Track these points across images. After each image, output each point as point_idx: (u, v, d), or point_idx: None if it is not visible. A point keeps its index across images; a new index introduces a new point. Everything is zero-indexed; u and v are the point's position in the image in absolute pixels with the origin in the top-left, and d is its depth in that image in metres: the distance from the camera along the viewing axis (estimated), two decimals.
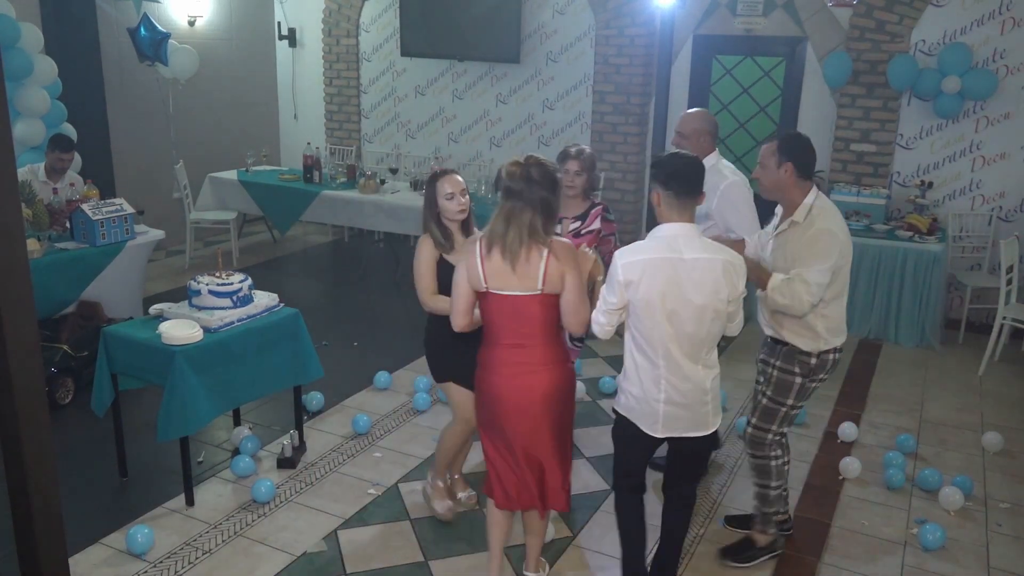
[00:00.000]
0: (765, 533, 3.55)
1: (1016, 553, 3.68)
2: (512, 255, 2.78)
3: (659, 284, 2.76)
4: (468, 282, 2.88)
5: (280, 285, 6.32)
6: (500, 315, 2.88)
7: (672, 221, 2.84)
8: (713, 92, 7.44)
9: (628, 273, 2.79)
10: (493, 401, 2.96)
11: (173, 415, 3.63)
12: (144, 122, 7.87)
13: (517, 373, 2.90)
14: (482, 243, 2.84)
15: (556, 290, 2.82)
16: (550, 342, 2.92)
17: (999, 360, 5.79)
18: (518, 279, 2.79)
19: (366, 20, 8.80)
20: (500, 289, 2.83)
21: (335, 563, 3.48)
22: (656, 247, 2.82)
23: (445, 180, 3.40)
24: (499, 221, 2.82)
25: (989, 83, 6.10)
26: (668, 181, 2.83)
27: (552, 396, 2.93)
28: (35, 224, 5.23)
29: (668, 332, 2.80)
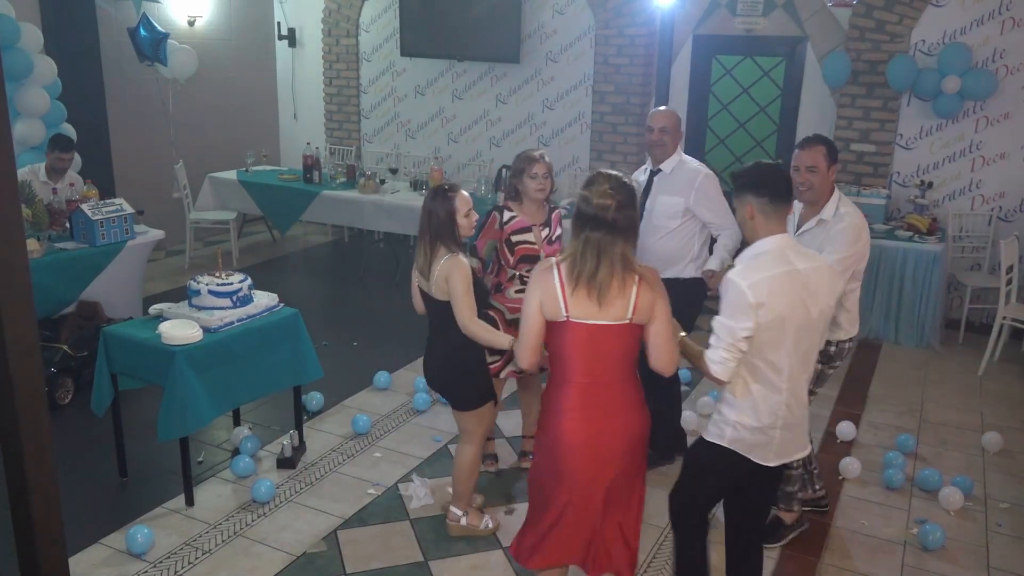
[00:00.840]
0: (791, 511, 3.67)
1: (1016, 553, 3.68)
2: (602, 291, 2.47)
3: (787, 301, 2.56)
4: (542, 312, 2.54)
5: (280, 285, 6.32)
6: (577, 348, 2.54)
7: (772, 233, 2.64)
8: (713, 92, 7.44)
9: (758, 294, 2.52)
10: (563, 449, 2.59)
11: (173, 415, 3.63)
12: (144, 122, 7.87)
13: (594, 417, 2.56)
14: (561, 271, 2.52)
15: (644, 320, 2.53)
16: (631, 381, 2.62)
17: (999, 360, 5.79)
18: (600, 310, 2.50)
19: (366, 20, 8.80)
20: (583, 318, 2.50)
21: (335, 563, 3.48)
22: (772, 262, 2.59)
23: (459, 198, 3.28)
24: (588, 256, 2.48)
25: (989, 83, 6.11)
26: (759, 187, 2.64)
27: (631, 443, 2.61)
28: (35, 224, 5.23)
29: (792, 352, 2.61)
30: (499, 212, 3.88)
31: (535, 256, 3.80)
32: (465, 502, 3.66)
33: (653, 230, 3.99)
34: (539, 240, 3.84)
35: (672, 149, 4.02)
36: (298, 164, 8.30)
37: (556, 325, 2.55)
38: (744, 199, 2.68)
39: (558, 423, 2.59)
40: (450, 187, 3.32)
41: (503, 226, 3.84)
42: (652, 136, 4.02)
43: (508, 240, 3.82)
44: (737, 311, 2.54)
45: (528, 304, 2.58)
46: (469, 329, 3.21)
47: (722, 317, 2.58)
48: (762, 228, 2.66)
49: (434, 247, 3.27)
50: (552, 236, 3.91)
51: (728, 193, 3.22)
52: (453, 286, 3.20)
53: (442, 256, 3.23)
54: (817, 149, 3.37)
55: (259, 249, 8.56)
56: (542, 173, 3.79)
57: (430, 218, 3.27)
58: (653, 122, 4.03)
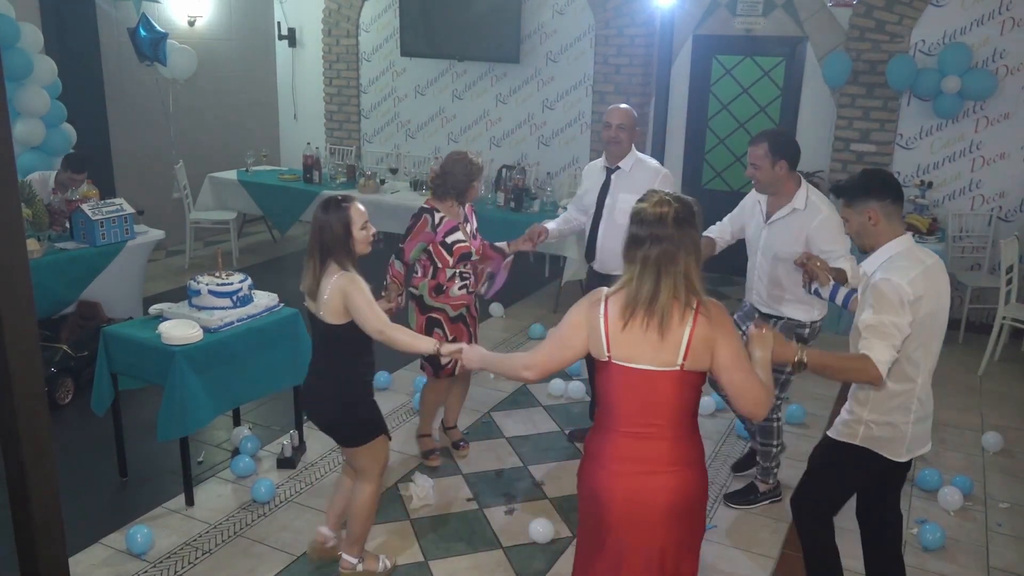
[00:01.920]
0: (766, 483, 4.00)
1: (1016, 553, 3.68)
2: (664, 318, 2.18)
3: (935, 295, 2.64)
4: (582, 342, 2.31)
5: (280, 285, 6.30)
6: (622, 392, 2.28)
7: (897, 234, 2.68)
8: (713, 92, 7.44)
9: (916, 288, 2.55)
10: (600, 505, 2.33)
11: (173, 415, 3.63)
12: (144, 122, 7.87)
13: (635, 472, 2.28)
14: (608, 305, 2.26)
15: (700, 366, 2.23)
16: (683, 435, 2.30)
17: (999, 360, 5.79)
18: (652, 350, 2.21)
19: (366, 20, 8.80)
20: (626, 360, 2.24)
21: (335, 563, 3.48)
22: (910, 261, 2.63)
23: (354, 209, 3.01)
24: (646, 278, 2.20)
25: (989, 83, 6.11)
26: (883, 191, 2.67)
27: (679, 507, 2.31)
28: (35, 224, 5.23)
29: (933, 346, 2.67)
30: (430, 214, 3.91)
31: (470, 252, 3.96)
32: (359, 547, 3.31)
33: (616, 229, 3.90)
34: (467, 236, 3.96)
35: (628, 146, 4.09)
36: (298, 164, 8.30)
37: (600, 364, 2.31)
38: (866, 205, 2.69)
39: (596, 473, 2.34)
40: (344, 198, 3.03)
41: (435, 228, 3.89)
42: (610, 132, 4.05)
43: (444, 242, 3.90)
44: (901, 308, 2.54)
45: (569, 327, 2.33)
46: (387, 335, 2.95)
47: (885, 316, 2.54)
48: (886, 231, 2.70)
49: (324, 264, 2.97)
50: (473, 229, 4.06)
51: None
52: (354, 302, 2.93)
53: (333, 274, 2.95)
54: (760, 146, 3.55)
55: (259, 249, 8.56)
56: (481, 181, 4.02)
57: (321, 232, 2.96)
58: (611, 118, 4.05)
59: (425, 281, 3.98)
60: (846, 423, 2.79)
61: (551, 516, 3.80)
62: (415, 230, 3.92)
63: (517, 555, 3.56)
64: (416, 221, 3.92)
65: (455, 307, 4.01)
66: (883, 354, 2.53)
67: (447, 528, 3.72)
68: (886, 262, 2.66)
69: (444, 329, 4.00)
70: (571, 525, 3.78)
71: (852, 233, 2.82)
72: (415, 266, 4.01)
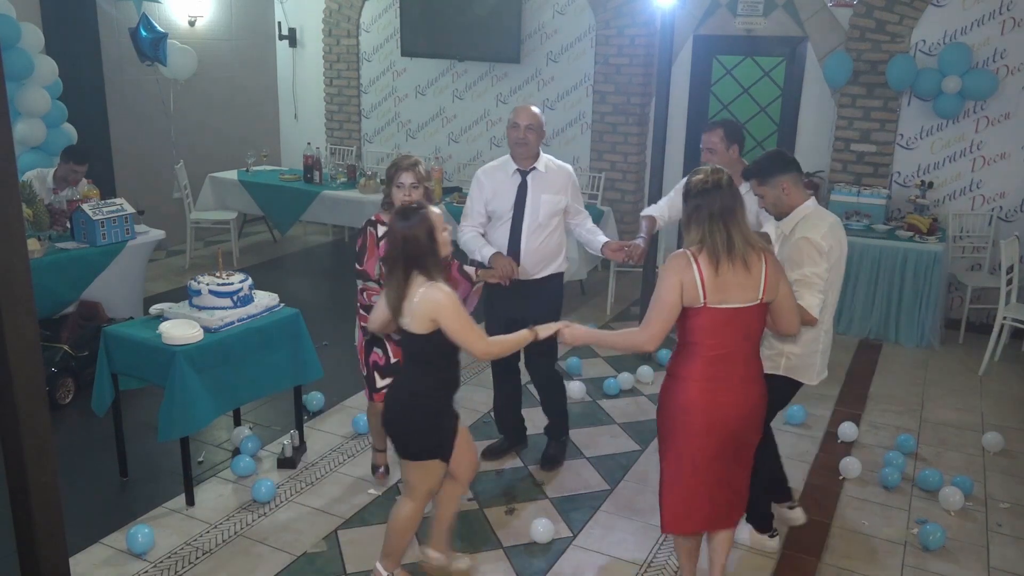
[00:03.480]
0: None
1: (1016, 553, 3.68)
2: (745, 259, 2.71)
3: (839, 244, 3.23)
4: (679, 300, 2.73)
5: (280, 285, 6.32)
6: (712, 328, 2.76)
7: (804, 199, 3.26)
8: (713, 92, 7.44)
9: (827, 240, 3.14)
10: (692, 415, 2.83)
11: (174, 415, 3.63)
12: (144, 122, 7.87)
13: (720, 389, 2.80)
14: (698, 260, 2.71)
15: (773, 298, 2.80)
16: (755, 356, 2.89)
17: (999, 360, 5.79)
18: (740, 290, 2.72)
19: (366, 20, 8.81)
20: (719, 303, 2.72)
21: (335, 563, 3.48)
22: (818, 218, 3.22)
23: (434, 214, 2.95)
24: (717, 231, 2.71)
25: (989, 83, 6.10)
26: (788, 166, 3.26)
27: (754, 411, 2.89)
28: (36, 224, 5.23)
29: (837, 288, 3.29)
30: (373, 227, 3.70)
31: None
32: (394, 562, 3.23)
33: (538, 229, 3.93)
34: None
35: (537, 147, 3.97)
36: (299, 164, 8.30)
37: (692, 311, 2.76)
38: (776, 180, 3.23)
39: (687, 391, 2.83)
40: (418, 204, 3.01)
41: (379, 243, 3.64)
42: (518, 133, 3.87)
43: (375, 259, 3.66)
44: (820, 257, 3.11)
45: (669, 291, 2.74)
46: (491, 354, 3.05)
47: (806, 268, 3.11)
48: (797, 197, 3.24)
49: (409, 277, 2.89)
50: None
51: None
52: (449, 322, 2.86)
53: (420, 286, 2.88)
54: (715, 132, 3.87)
55: (259, 249, 8.57)
56: (409, 183, 3.61)
57: (406, 243, 2.87)
58: (519, 119, 3.88)
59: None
60: (768, 357, 3.25)
61: (551, 516, 3.80)
62: (367, 247, 3.68)
63: (517, 555, 3.56)
64: (363, 238, 3.70)
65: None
66: (813, 299, 3.10)
67: None
68: (801, 221, 3.22)
69: (385, 348, 3.70)
70: (571, 525, 3.78)
71: (768, 205, 3.32)
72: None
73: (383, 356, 3.72)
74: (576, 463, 4.36)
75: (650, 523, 3.79)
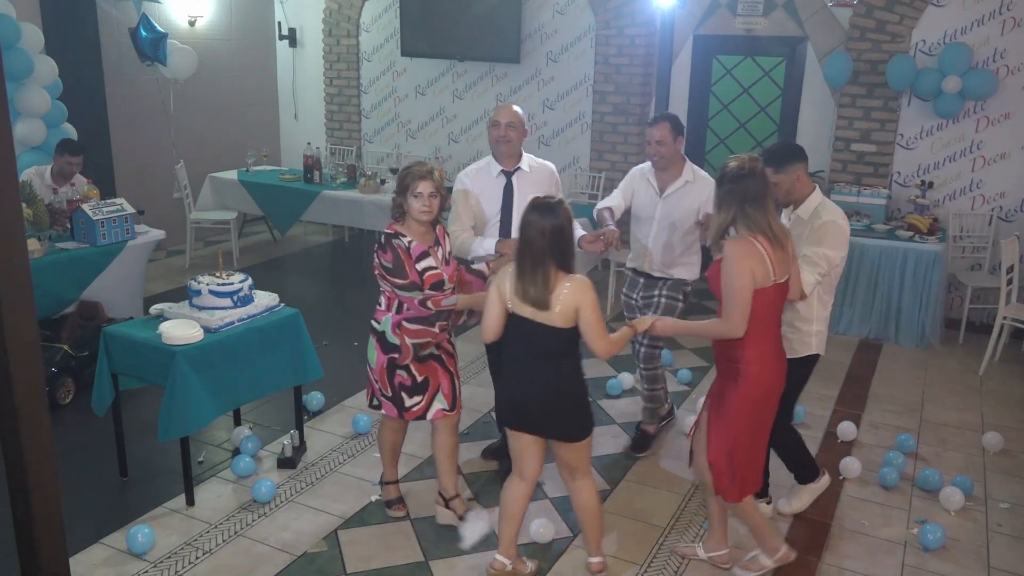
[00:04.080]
0: (653, 424, 4.48)
1: (1016, 553, 3.68)
2: (783, 240, 3.02)
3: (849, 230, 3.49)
4: (752, 282, 2.94)
5: (280, 285, 6.32)
6: (773, 305, 3.06)
7: (814, 187, 3.46)
8: (713, 92, 7.44)
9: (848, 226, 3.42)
10: (773, 390, 3.15)
11: (173, 415, 3.63)
12: (144, 122, 7.87)
13: (781, 359, 3.18)
14: (759, 239, 2.96)
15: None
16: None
17: (999, 360, 5.79)
18: (782, 266, 3.01)
19: (366, 20, 8.81)
20: (780, 278, 3.02)
21: (335, 563, 3.48)
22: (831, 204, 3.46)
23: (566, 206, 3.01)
24: (756, 214, 2.96)
25: (989, 83, 6.10)
26: (802, 154, 3.43)
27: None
28: (36, 224, 5.23)
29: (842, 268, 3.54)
30: (399, 240, 3.38)
31: (442, 281, 3.43)
32: (598, 547, 3.36)
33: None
34: (439, 262, 3.44)
35: (519, 146, 3.94)
36: (299, 164, 8.30)
37: (760, 291, 2.97)
38: (791, 168, 3.36)
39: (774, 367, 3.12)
40: (547, 196, 3.05)
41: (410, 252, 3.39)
42: (499, 131, 3.81)
43: (415, 269, 3.38)
44: (844, 242, 3.37)
45: (741, 278, 2.93)
46: (611, 352, 3.09)
47: (824, 249, 3.31)
48: (808, 185, 3.43)
49: (554, 272, 2.93)
50: (447, 254, 3.53)
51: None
52: (590, 312, 2.95)
53: (564, 280, 2.95)
54: (663, 125, 3.98)
55: (259, 249, 8.57)
56: (428, 192, 3.34)
57: (556, 236, 2.91)
58: (500, 117, 3.83)
59: (388, 316, 3.47)
60: (802, 341, 3.49)
61: (551, 516, 3.80)
62: (401, 260, 3.36)
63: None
64: (391, 253, 3.36)
65: (424, 346, 3.52)
66: (811, 277, 3.29)
67: (447, 528, 3.72)
68: (819, 206, 3.42)
69: (410, 370, 3.53)
70: (571, 525, 3.78)
71: (782, 193, 3.40)
72: (379, 298, 3.54)
73: (409, 377, 3.54)
74: None
75: (649, 523, 3.79)
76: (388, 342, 3.50)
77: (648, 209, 4.15)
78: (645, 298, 4.26)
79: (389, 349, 3.51)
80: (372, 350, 3.58)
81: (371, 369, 3.62)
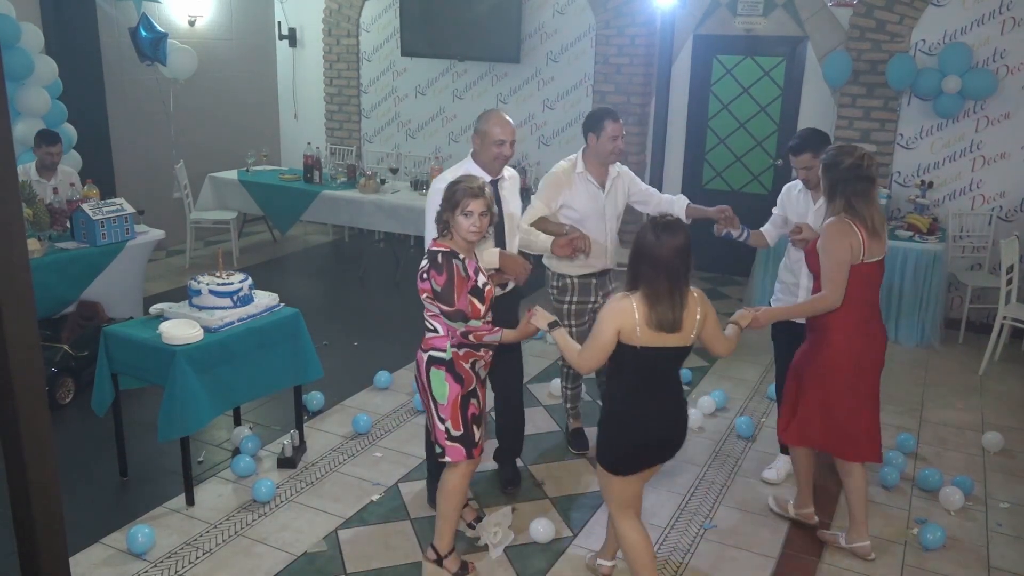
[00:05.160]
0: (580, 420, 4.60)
1: (1016, 553, 3.68)
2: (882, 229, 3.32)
3: None
4: (849, 258, 3.25)
5: (280, 285, 6.33)
6: (868, 281, 3.36)
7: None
8: (713, 92, 7.43)
9: None
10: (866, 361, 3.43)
11: (173, 415, 3.63)
12: (144, 122, 7.87)
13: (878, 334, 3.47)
14: (859, 228, 3.25)
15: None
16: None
17: (999, 360, 5.79)
18: (878, 246, 3.31)
19: (366, 20, 8.81)
20: (870, 258, 3.30)
21: (335, 562, 3.49)
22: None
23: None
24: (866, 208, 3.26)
25: (989, 83, 6.10)
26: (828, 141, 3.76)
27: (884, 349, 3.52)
28: (35, 224, 5.23)
29: None
30: (456, 259, 3.09)
31: (491, 299, 3.22)
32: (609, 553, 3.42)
33: (515, 234, 3.85)
34: (489, 279, 3.25)
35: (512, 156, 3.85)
36: (299, 164, 8.30)
37: (855, 268, 3.28)
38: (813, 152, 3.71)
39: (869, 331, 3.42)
40: (663, 214, 2.92)
41: (467, 273, 3.12)
42: (505, 150, 3.69)
43: (475, 287, 3.13)
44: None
45: (843, 252, 3.23)
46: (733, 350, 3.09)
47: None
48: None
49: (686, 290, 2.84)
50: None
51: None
52: (713, 318, 2.94)
53: (691, 295, 2.87)
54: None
55: (259, 249, 8.57)
56: (479, 211, 3.08)
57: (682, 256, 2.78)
58: (508, 134, 3.69)
59: (450, 341, 3.17)
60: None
61: (551, 516, 3.81)
62: (456, 283, 3.06)
63: (517, 555, 3.56)
64: (447, 273, 3.05)
65: (486, 364, 3.32)
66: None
67: None
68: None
69: (479, 396, 3.30)
70: (571, 525, 3.78)
71: (814, 177, 3.67)
72: (430, 324, 3.19)
73: (478, 406, 3.29)
74: (576, 463, 4.36)
75: (650, 523, 3.79)
76: (457, 371, 3.18)
77: (595, 207, 4.12)
78: (604, 295, 4.22)
79: (460, 378, 3.19)
80: (441, 384, 3.17)
81: (438, 407, 3.20)
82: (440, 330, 3.17)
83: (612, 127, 3.99)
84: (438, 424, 3.21)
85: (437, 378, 3.18)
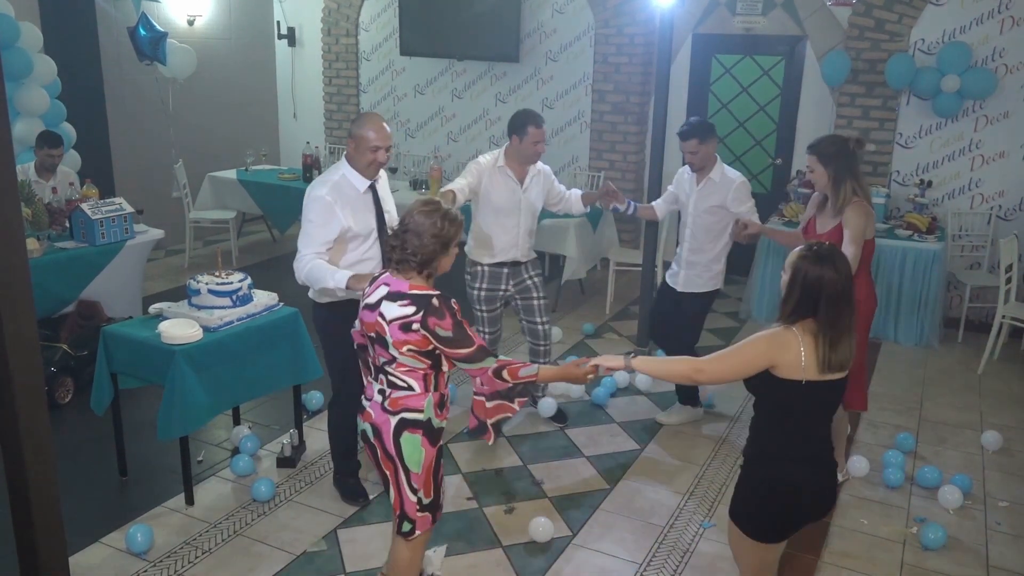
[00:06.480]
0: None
1: (1015, 552, 3.69)
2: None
3: None
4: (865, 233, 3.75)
5: (279, 284, 6.30)
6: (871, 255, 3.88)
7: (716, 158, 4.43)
8: (713, 91, 7.44)
9: None
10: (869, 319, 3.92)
11: (173, 414, 3.63)
12: (144, 122, 7.87)
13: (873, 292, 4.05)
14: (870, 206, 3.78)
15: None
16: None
17: (998, 359, 5.80)
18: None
19: (365, 19, 8.80)
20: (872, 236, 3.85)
21: (335, 562, 3.49)
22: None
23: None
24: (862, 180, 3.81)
25: (988, 82, 6.11)
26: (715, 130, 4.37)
27: None
28: (35, 224, 5.22)
29: None
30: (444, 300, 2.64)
31: None
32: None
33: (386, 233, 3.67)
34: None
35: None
36: (298, 163, 8.30)
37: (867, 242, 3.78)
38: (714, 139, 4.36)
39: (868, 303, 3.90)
40: (817, 243, 2.53)
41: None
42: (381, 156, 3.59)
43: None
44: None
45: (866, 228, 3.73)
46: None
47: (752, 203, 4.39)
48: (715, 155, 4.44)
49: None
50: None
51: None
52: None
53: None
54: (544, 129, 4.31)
55: (259, 248, 8.56)
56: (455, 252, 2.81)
57: (850, 290, 2.47)
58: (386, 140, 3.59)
59: (429, 396, 2.72)
60: (713, 277, 4.48)
61: (551, 515, 3.81)
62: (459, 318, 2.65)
63: (517, 554, 3.56)
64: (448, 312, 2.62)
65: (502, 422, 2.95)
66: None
67: (447, 527, 3.72)
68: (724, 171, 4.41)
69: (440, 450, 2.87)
70: (571, 524, 3.78)
71: (698, 160, 4.34)
72: (403, 381, 2.70)
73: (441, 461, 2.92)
74: (575, 462, 4.36)
75: (650, 522, 3.80)
76: (435, 430, 2.76)
77: (512, 200, 4.36)
78: (516, 284, 4.50)
79: (436, 439, 2.78)
80: (416, 450, 2.72)
81: (411, 476, 2.74)
82: (416, 387, 2.69)
83: (535, 132, 4.21)
84: (408, 496, 2.74)
85: (411, 444, 2.70)
